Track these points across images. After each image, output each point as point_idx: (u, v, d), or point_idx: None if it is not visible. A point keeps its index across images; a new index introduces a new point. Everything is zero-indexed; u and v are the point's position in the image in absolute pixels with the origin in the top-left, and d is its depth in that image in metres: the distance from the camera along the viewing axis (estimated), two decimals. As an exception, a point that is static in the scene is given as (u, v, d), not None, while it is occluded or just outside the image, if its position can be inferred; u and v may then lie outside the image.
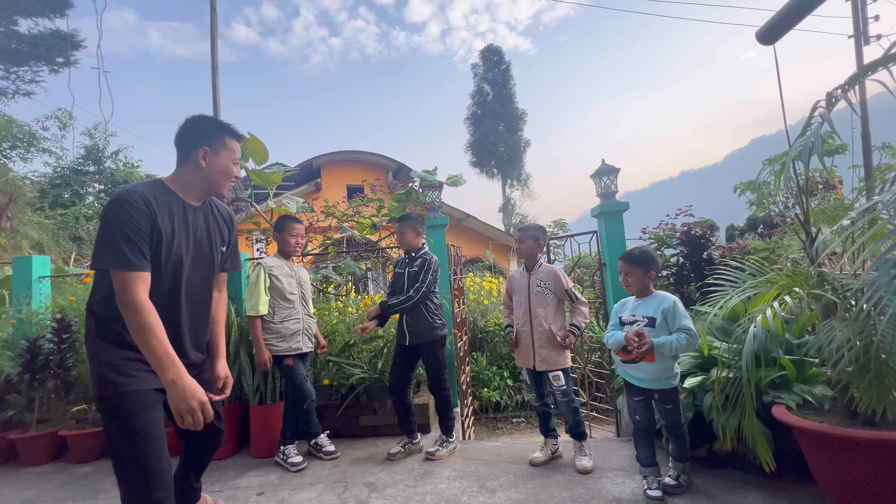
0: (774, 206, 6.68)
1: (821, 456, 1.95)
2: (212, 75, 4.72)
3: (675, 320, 2.19)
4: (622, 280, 2.39)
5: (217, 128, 1.57)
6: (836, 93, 1.91)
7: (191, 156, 1.54)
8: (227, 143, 1.58)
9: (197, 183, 1.57)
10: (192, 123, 1.55)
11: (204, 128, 1.55)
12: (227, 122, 1.60)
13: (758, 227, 9.04)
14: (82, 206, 15.66)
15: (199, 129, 1.55)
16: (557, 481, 2.47)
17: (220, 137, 1.56)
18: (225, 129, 1.58)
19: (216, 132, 1.56)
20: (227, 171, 1.59)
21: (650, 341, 2.13)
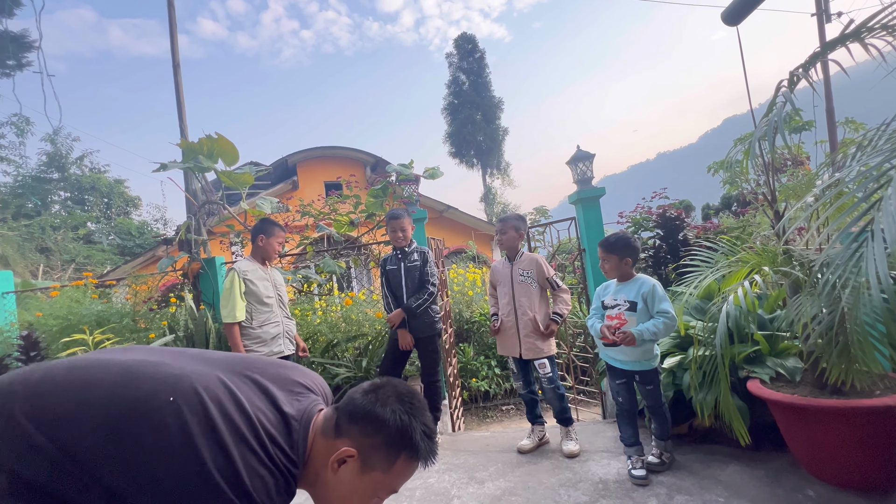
0: (746, 184, 6.84)
1: (794, 426, 2.02)
2: (174, 73, 4.54)
3: (654, 304, 2.24)
4: (600, 266, 2.44)
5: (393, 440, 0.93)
6: (798, 72, 1.94)
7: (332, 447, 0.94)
8: (398, 464, 0.93)
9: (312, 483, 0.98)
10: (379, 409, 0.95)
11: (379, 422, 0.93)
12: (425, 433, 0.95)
13: (731, 205, 9.27)
14: (48, 216, 15.04)
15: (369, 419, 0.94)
16: (545, 467, 2.51)
17: (392, 452, 0.93)
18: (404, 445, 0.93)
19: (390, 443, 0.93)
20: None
21: (630, 333, 2.16)
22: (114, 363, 0.88)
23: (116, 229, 17.27)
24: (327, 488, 0.91)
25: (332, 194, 5.05)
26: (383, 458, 0.89)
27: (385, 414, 0.90)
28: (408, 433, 0.89)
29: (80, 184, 17.68)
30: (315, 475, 0.91)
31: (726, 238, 2.52)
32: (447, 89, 24.97)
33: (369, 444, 0.89)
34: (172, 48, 4.66)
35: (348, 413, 0.92)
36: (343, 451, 0.88)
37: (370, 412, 0.90)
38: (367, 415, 0.90)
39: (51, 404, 0.79)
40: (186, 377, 0.85)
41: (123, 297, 4.63)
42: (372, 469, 0.89)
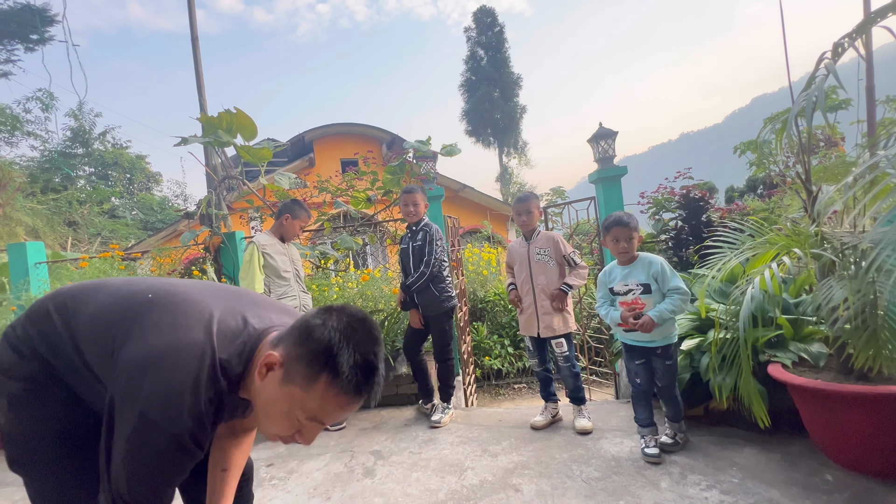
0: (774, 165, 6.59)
1: (816, 411, 1.99)
2: (192, 47, 4.53)
3: (665, 282, 2.21)
4: (623, 247, 2.27)
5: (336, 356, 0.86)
6: (844, 42, 1.83)
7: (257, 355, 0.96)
8: (319, 382, 0.86)
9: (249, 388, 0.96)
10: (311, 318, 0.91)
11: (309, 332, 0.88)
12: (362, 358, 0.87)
13: (757, 187, 8.95)
14: (74, 191, 15.47)
15: (301, 330, 0.90)
16: (558, 443, 2.54)
17: (316, 366, 0.85)
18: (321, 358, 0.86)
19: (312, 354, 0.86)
20: (283, 419, 0.90)
21: (648, 318, 2.13)
22: (123, 280, 1.10)
23: (139, 204, 17.71)
24: (255, 395, 0.92)
25: (348, 171, 5.04)
26: (304, 373, 0.84)
27: (317, 327, 0.86)
28: (332, 352, 0.83)
29: (104, 159, 18.08)
30: (251, 386, 0.93)
31: (754, 219, 2.44)
32: (465, 65, 24.38)
33: (294, 355, 0.86)
34: (191, 22, 4.63)
35: (291, 325, 0.92)
36: (267, 355, 0.87)
37: (305, 323, 0.88)
38: (301, 325, 0.88)
39: (70, 300, 1.02)
40: (161, 284, 1.03)
41: (148, 270, 4.77)
42: (292, 382, 0.85)
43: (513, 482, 2.15)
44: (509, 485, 2.13)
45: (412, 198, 3.01)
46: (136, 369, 0.85)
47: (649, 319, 2.13)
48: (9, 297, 4.21)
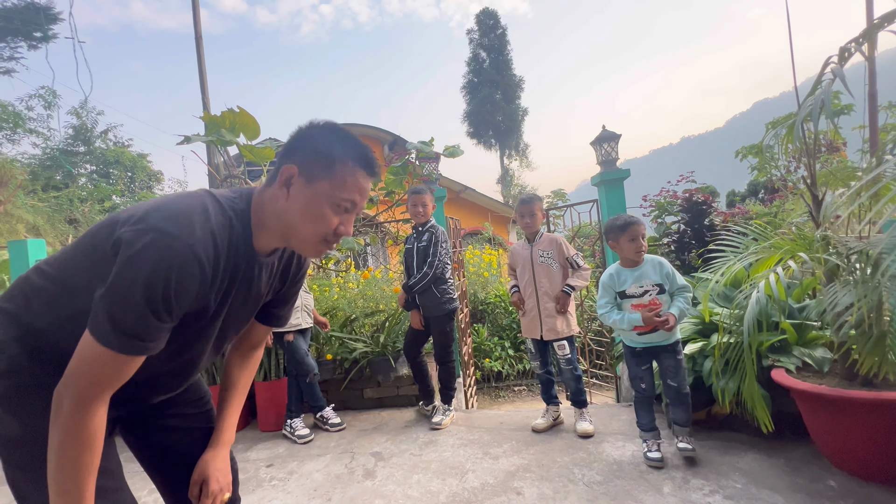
0: (776, 170, 6.59)
1: (819, 416, 1.98)
2: (196, 46, 4.53)
3: (674, 282, 2.23)
4: (641, 246, 2.22)
5: (330, 143, 0.92)
6: (851, 46, 1.82)
7: (277, 175, 0.93)
8: (339, 170, 0.91)
9: (272, 226, 0.94)
10: (308, 130, 0.93)
11: (312, 137, 0.92)
12: (355, 141, 0.94)
13: (759, 192, 8.96)
14: (75, 188, 15.46)
15: (307, 139, 0.92)
16: (559, 446, 2.53)
17: (330, 159, 0.90)
18: (344, 148, 0.92)
19: (326, 149, 0.91)
20: (320, 219, 0.91)
21: (674, 316, 2.12)
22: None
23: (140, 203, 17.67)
24: (286, 217, 0.92)
25: (350, 171, 5.03)
26: (323, 165, 0.90)
27: (312, 132, 0.92)
28: (335, 143, 0.91)
29: (105, 157, 18.07)
30: (273, 218, 0.93)
31: (758, 223, 2.43)
32: (467, 67, 24.42)
33: (307, 159, 0.90)
34: (195, 21, 4.63)
35: (284, 148, 0.95)
36: (284, 169, 0.90)
37: (297, 136, 0.93)
38: (294, 141, 0.93)
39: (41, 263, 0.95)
40: None
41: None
42: (317, 179, 0.90)
43: (514, 485, 2.14)
44: (511, 488, 2.12)
45: (421, 198, 3.00)
46: (139, 217, 0.81)
47: (674, 318, 2.11)
48: (9, 295, 4.21)
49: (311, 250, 0.96)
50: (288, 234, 0.94)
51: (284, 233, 0.95)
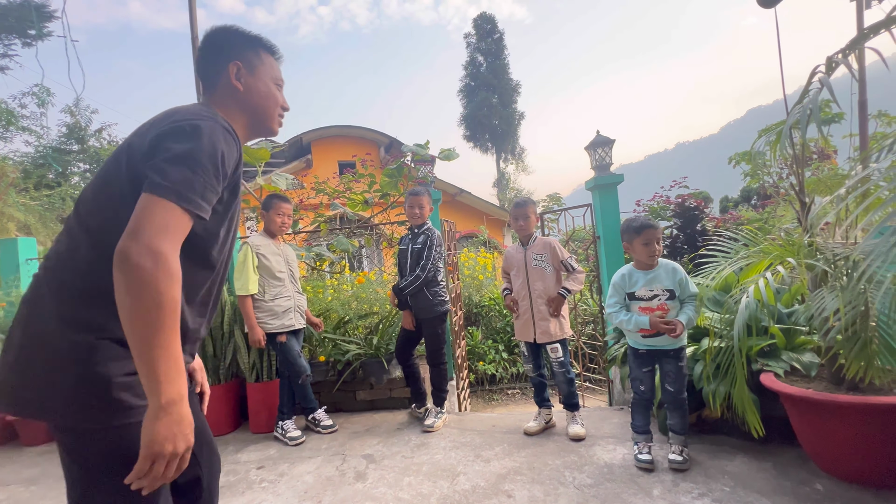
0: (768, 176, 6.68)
1: (807, 420, 2.00)
2: (192, 47, 4.52)
3: (686, 289, 2.22)
4: (655, 250, 2.22)
5: (246, 39, 1.12)
6: (837, 57, 1.86)
7: (220, 78, 1.08)
8: (263, 56, 1.13)
9: (237, 116, 1.11)
10: (214, 37, 1.10)
11: (228, 40, 1.10)
12: (257, 34, 1.14)
13: (751, 198, 9.04)
14: (68, 187, 15.33)
15: (222, 43, 1.10)
16: (551, 449, 2.54)
17: (253, 49, 1.12)
18: (256, 40, 1.13)
19: (246, 44, 1.11)
20: (271, 94, 1.13)
21: (682, 324, 2.11)
22: None
23: (134, 202, 17.53)
24: (250, 102, 1.11)
25: (345, 173, 5.04)
26: (252, 55, 1.11)
27: (226, 35, 1.11)
28: (248, 37, 1.12)
29: (99, 156, 17.92)
30: (237, 111, 1.11)
31: (749, 228, 2.46)
32: (464, 70, 24.51)
33: (239, 55, 1.09)
34: (191, 22, 4.62)
35: (204, 65, 1.12)
36: (230, 67, 1.08)
37: (215, 40, 1.11)
38: (216, 45, 1.10)
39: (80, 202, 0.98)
40: None
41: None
42: (255, 67, 1.11)
43: (505, 488, 2.14)
44: (501, 490, 2.12)
45: (418, 200, 3.02)
46: (166, 119, 0.94)
47: (682, 325, 2.10)
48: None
49: (275, 124, 1.18)
50: (254, 117, 1.14)
51: (251, 118, 1.14)
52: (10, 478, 2.69)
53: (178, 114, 0.95)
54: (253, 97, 1.12)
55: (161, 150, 0.87)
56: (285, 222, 3.01)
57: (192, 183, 0.85)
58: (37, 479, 2.64)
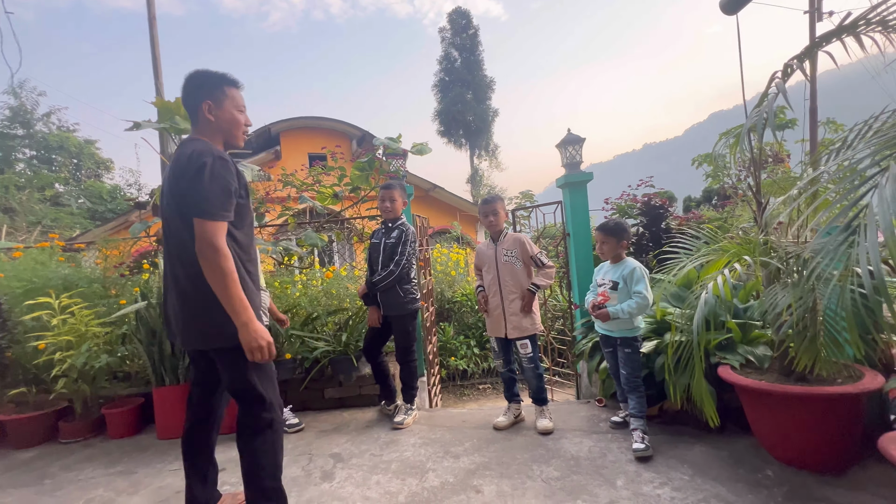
0: (728, 178, 6.98)
1: (759, 410, 2.11)
2: (149, 26, 4.27)
3: (631, 284, 2.42)
4: (598, 248, 2.59)
5: (215, 79, 1.60)
6: (793, 63, 1.94)
7: (199, 114, 1.59)
8: (227, 91, 1.62)
9: (217, 137, 1.63)
10: (190, 81, 1.59)
11: (202, 82, 1.59)
12: (223, 73, 1.62)
13: (712, 198, 9.44)
14: (12, 175, 14.24)
15: (197, 85, 1.59)
16: (519, 443, 2.56)
17: (220, 88, 1.60)
18: (222, 78, 1.61)
19: (214, 84, 1.60)
20: (235, 120, 1.64)
21: (605, 311, 2.44)
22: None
23: (87, 192, 16.50)
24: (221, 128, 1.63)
25: (315, 165, 4.90)
26: (218, 93, 1.60)
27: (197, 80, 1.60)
28: (214, 79, 1.61)
29: (47, 142, 16.74)
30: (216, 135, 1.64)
31: (709, 226, 2.56)
32: (438, 65, 24.37)
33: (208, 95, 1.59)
34: (148, 0, 4.36)
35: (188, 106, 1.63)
36: (203, 106, 1.58)
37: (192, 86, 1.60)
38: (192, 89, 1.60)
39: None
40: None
41: (93, 262, 4.44)
42: (221, 101, 1.61)
43: (473, 483, 2.14)
44: (470, 486, 2.12)
45: (389, 193, 2.96)
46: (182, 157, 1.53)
47: (605, 312, 2.43)
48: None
49: (240, 141, 1.69)
50: (224, 137, 1.66)
51: (222, 138, 1.66)
52: None
53: (193, 155, 1.49)
54: (222, 124, 1.63)
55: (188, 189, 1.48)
56: None
57: (215, 202, 1.47)
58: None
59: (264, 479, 1.64)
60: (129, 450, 2.84)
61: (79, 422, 3.08)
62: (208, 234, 1.44)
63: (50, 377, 3.06)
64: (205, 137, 1.61)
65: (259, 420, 1.64)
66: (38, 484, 2.45)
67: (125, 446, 2.91)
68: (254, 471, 1.64)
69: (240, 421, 1.67)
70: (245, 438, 1.66)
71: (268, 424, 1.65)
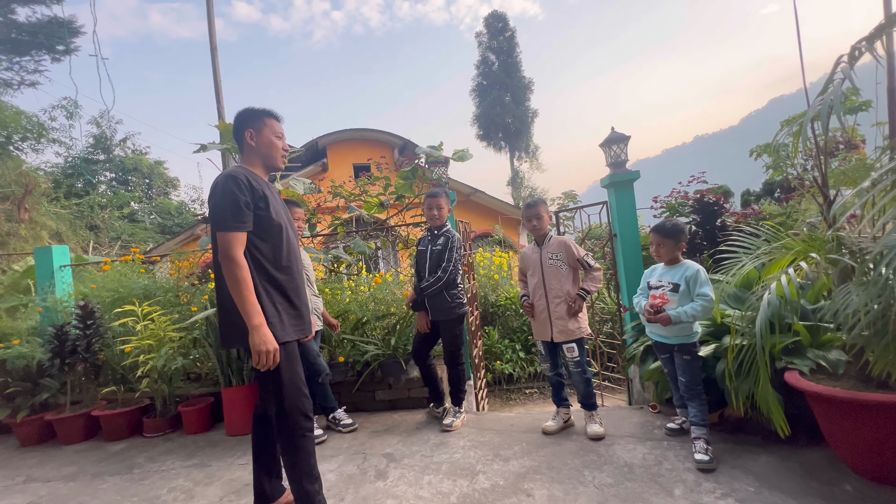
0: (792, 169, 6.49)
1: (834, 419, 1.96)
2: (211, 57, 4.65)
3: (695, 287, 2.32)
4: (654, 251, 2.51)
5: (255, 112, 1.90)
6: (861, 45, 1.81)
7: (243, 141, 1.88)
8: (266, 121, 1.89)
9: (256, 161, 1.90)
10: (238, 117, 1.90)
11: (245, 116, 1.89)
12: (264, 107, 1.94)
13: (774, 191, 8.78)
14: (95, 195, 15.91)
15: (243, 118, 1.88)
16: (570, 448, 2.53)
17: (259, 118, 1.88)
18: (262, 111, 1.91)
19: (255, 115, 1.89)
20: (273, 144, 1.90)
21: (666, 314, 2.31)
22: None
23: (157, 209, 18.13)
24: (261, 152, 1.89)
25: (360, 176, 5.10)
26: (259, 123, 1.87)
27: (243, 114, 1.88)
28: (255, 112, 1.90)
29: (124, 165, 18.57)
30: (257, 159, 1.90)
31: (770, 224, 2.41)
32: (476, 70, 24.48)
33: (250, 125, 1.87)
34: (210, 32, 4.76)
35: (235, 135, 1.91)
36: (246, 134, 1.86)
37: (239, 120, 1.88)
38: (238, 122, 1.88)
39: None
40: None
41: (167, 273, 4.89)
42: (261, 130, 1.88)
43: (524, 487, 2.15)
44: (521, 489, 2.13)
45: (436, 201, 3.04)
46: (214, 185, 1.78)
47: (666, 315, 2.30)
48: (34, 300, 4.37)
49: (279, 163, 1.94)
50: (265, 160, 1.91)
51: (263, 161, 1.91)
52: (50, 474, 2.83)
53: (213, 183, 1.76)
54: (262, 148, 1.89)
55: (210, 208, 1.74)
56: (299, 227, 3.08)
57: (232, 215, 1.69)
58: (75, 475, 2.77)
59: (302, 479, 1.80)
60: (202, 445, 3.10)
61: (159, 418, 3.40)
62: (224, 245, 1.66)
63: (135, 377, 3.41)
64: (246, 164, 1.87)
65: (280, 423, 1.80)
66: (129, 472, 2.74)
67: (199, 441, 3.17)
68: (289, 470, 1.82)
69: (273, 422, 1.86)
70: (279, 439, 1.84)
71: (289, 428, 1.79)
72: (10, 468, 3.01)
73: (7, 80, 12.10)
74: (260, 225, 1.76)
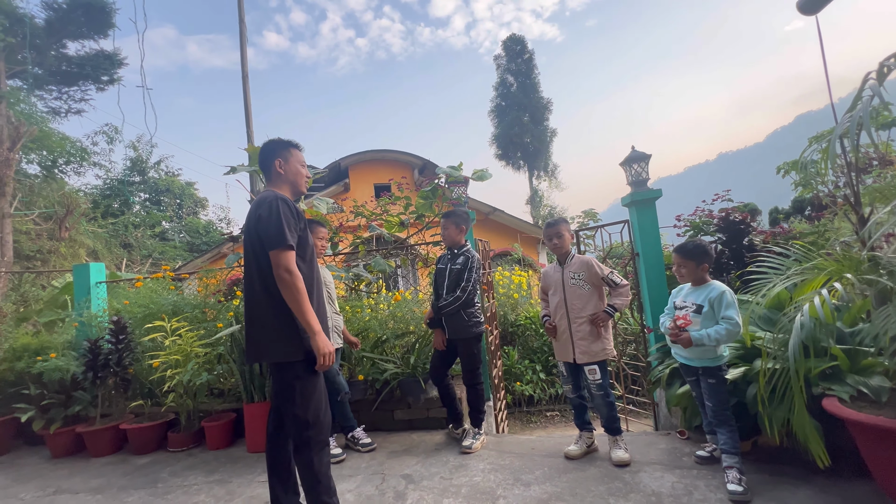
0: (823, 186, 6.30)
1: (879, 450, 1.84)
2: (242, 84, 4.90)
3: (720, 309, 2.25)
4: (676, 271, 2.48)
5: (282, 143, 2.09)
6: (890, 62, 1.77)
7: (272, 169, 2.05)
8: (292, 151, 2.09)
9: (284, 187, 2.07)
10: (266, 147, 2.08)
11: (274, 146, 2.08)
12: (289, 139, 2.13)
13: (805, 209, 8.49)
14: (130, 215, 16.69)
15: (271, 149, 2.07)
16: (593, 475, 2.45)
17: (287, 149, 2.08)
18: (288, 143, 2.10)
19: (283, 146, 2.08)
20: (299, 171, 2.11)
21: (687, 335, 2.25)
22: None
23: (187, 228, 18.85)
24: (289, 179, 2.07)
25: (382, 195, 5.21)
26: (285, 153, 2.06)
27: (271, 145, 2.08)
28: (282, 143, 2.09)
29: (157, 186, 19.49)
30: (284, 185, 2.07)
31: (800, 243, 2.34)
32: (494, 91, 24.89)
33: (278, 155, 2.05)
34: (242, 61, 5.03)
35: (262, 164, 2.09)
36: (275, 163, 2.04)
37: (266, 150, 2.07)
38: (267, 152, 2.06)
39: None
40: None
41: (195, 290, 5.05)
42: (288, 159, 2.07)
43: (547, 514, 2.08)
44: (543, 516, 2.06)
45: (443, 223, 3.08)
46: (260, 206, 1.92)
47: (687, 336, 2.26)
48: (71, 315, 4.57)
49: (303, 188, 2.15)
50: (291, 187, 2.10)
51: (290, 187, 2.09)
52: (79, 486, 2.90)
53: (263, 202, 1.89)
54: (289, 176, 2.08)
55: (266, 230, 1.85)
56: (323, 245, 3.16)
57: (283, 234, 1.82)
58: (102, 488, 2.83)
59: (321, 493, 1.87)
60: (224, 461, 3.13)
61: (183, 433, 3.46)
62: (283, 261, 1.80)
63: (161, 391, 3.50)
64: (275, 188, 2.03)
65: (298, 437, 1.89)
66: (153, 487, 2.78)
67: (220, 457, 3.21)
68: (306, 484, 1.89)
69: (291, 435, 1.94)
70: (298, 454, 1.91)
71: (306, 442, 1.87)
72: (41, 479, 3.11)
73: (56, 108, 12.97)
74: (301, 245, 1.91)
